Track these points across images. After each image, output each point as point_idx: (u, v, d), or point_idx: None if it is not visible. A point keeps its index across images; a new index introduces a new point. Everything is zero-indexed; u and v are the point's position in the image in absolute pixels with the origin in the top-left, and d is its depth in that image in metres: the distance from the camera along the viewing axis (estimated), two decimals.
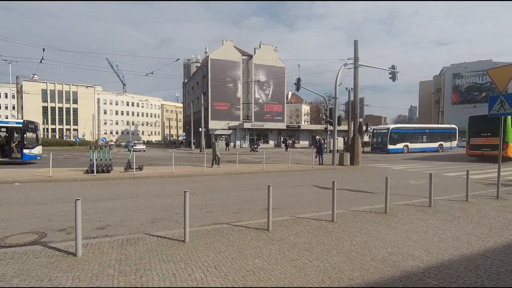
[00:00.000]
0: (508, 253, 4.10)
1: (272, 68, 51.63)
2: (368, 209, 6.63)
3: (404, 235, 4.84)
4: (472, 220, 5.76)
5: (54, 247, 4.21)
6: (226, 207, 7.22)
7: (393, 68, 19.05)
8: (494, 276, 3.39)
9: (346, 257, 3.93)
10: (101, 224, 5.70)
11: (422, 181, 11.20)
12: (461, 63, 72.24)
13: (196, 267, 3.60)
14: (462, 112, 66.66)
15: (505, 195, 8.04)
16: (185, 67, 75.71)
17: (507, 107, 7.35)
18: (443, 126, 38.36)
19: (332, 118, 19.13)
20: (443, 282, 3.23)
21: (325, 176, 13.28)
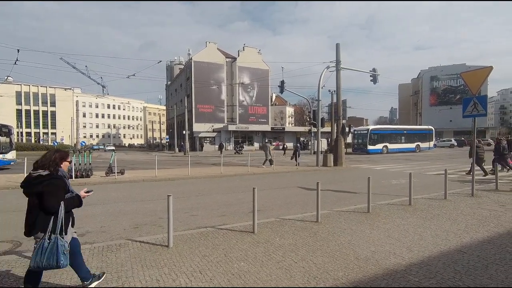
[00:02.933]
0: (483, 248, 4.27)
1: (256, 71, 51.85)
2: (352, 209, 6.75)
3: (386, 234, 4.95)
4: (450, 217, 5.97)
5: (29, 256, 4.01)
6: (211, 210, 7.15)
7: (374, 71, 19.57)
8: (471, 271, 3.53)
9: (331, 257, 3.97)
10: (80, 231, 5.50)
11: (403, 181, 11.53)
12: (438, 66, 75.22)
13: (181, 272, 3.53)
14: (439, 113, 69.46)
15: (479, 193, 8.41)
16: (168, 69, 74.62)
17: (480, 108, 7.70)
18: (420, 127, 39.79)
19: (315, 120, 19.42)
20: (423, 279, 3.33)
21: (310, 177, 13.42)
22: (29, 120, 73.75)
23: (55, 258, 2.60)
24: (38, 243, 2.64)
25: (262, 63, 53.45)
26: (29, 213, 2.71)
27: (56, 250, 2.61)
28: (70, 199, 2.87)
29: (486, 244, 4.45)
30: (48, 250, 2.60)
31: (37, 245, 2.63)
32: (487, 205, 6.98)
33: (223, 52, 52.04)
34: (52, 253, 2.60)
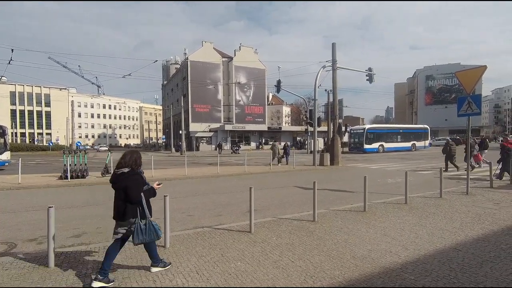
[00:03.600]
0: (478, 246, 4.32)
1: (253, 70, 51.80)
2: (348, 208, 6.78)
3: (383, 232, 4.98)
4: (445, 215, 6.02)
5: (25, 258, 3.98)
6: (207, 210, 7.14)
7: (370, 71, 19.66)
8: (466, 268, 3.56)
9: (328, 256, 3.99)
10: (76, 232, 5.47)
11: (399, 179, 11.60)
12: (433, 65, 75.79)
13: (178, 272, 3.52)
14: (434, 112, 69.96)
15: (473, 191, 8.49)
16: (164, 69, 74.32)
17: (474, 107, 7.78)
18: (416, 126, 40.05)
19: (312, 119, 19.46)
20: (419, 277, 3.36)
21: (306, 176, 13.45)
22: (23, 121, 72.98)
23: (155, 233, 3.39)
24: (134, 226, 3.31)
25: (258, 62, 53.42)
26: (117, 203, 3.37)
27: (153, 228, 3.38)
28: (147, 191, 3.50)
29: (481, 241, 4.49)
30: (147, 230, 3.33)
31: (133, 228, 3.30)
32: (481, 203, 7.05)
33: (219, 52, 51.93)
34: (151, 231, 3.35)
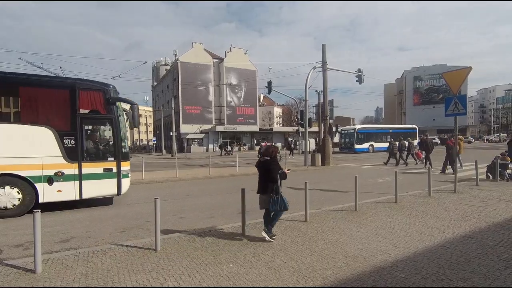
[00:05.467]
0: (466, 243, 4.41)
1: (244, 71, 51.80)
2: (340, 208, 6.83)
3: (374, 232, 5.04)
4: (434, 214, 6.14)
5: (11, 264, 3.88)
6: (199, 212, 7.09)
7: (359, 72, 19.90)
8: (454, 265, 3.63)
9: (320, 256, 4.01)
10: (64, 237, 5.35)
11: (388, 179, 11.76)
12: (421, 66, 77.32)
13: (169, 275, 3.48)
14: (423, 112, 71.34)
15: (461, 189, 8.67)
16: (154, 70, 73.55)
17: (460, 107, 7.96)
18: (404, 126, 40.75)
19: (303, 120, 19.56)
20: (409, 274, 3.41)
21: (298, 177, 13.50)
22: None
23: (284, 205, 4.62)
24: (271, 198, 4.60)
25: (249, 63, 53.45)
26: (262, 182, 4.78)
27: (283, 201, 4.62)
28: (281, 174, 4.74)
29: (468, 238, 4.59)
30: (279, 201, 4.59)
31: (270, 200, 4.60)
32: (468, 201, 7.21)
33: (210, 53, 51.74)
34: (282, 202, 4.61)
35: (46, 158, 6.83)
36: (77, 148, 7.07)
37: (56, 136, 6.89)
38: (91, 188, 7.26)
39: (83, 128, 7.35)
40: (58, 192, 6.98)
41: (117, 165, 7.53)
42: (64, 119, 7.18)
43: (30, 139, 6.76)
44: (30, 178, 6.75)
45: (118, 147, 7.56)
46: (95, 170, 7.32)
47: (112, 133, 7.58)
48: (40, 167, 6.80)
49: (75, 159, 7.06)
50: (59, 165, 6.94)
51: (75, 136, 7.06)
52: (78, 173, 7.11)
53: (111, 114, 7.50)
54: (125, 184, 7.77)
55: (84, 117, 7.34)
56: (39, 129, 6.82)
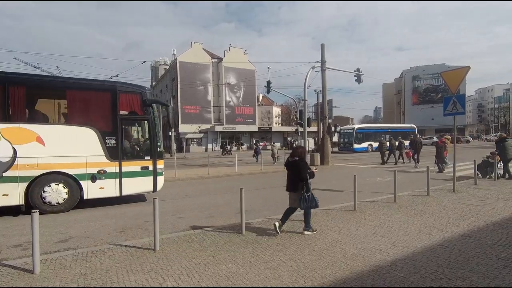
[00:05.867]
0: (464, 242, 4.42)
1: (243, 71, 51.76)
2: (339, 207, 6.84)
3: (372, 231, 5.04)
4: (433, 213, 6.15)
5: (10, 264, 3.86)
6: (198, 212, 7.09)
7: (358, 71, 19.90)
8: (453, 264, 3.64)
9: (318, 256, 4.01)
10: (63, 237, 5.34)
11: (387, 178, 11.78)
12: (419, 66, 77.36)
13: (168, 275, 3.48)
14: (421, 112, 71.41)
15: (460, 188, 8.69)
16: (152, 70, 73.47)
17: (458, 107, 7.97)
18: (403, 126, 40.84)
19: (302, 120, 19.56)
20: (408, 273, 3.41)
21: None
22: None
23: (315, 202, 4.90)
24: (301, 196, 4.85)
25: (248, 63, 53.41)
26: (291, 180, 5.05)
27: (314, 199, 4.89)
28: (310, 173, 4.99)
29: (467, 238, 4.60)
30: (310, 199, 4.84)
31: (301, 198, 4.86)
32: (467, 200, 7.23)
33: (208, 53, 51.68)
34: (313, 200, 4.88)
35: (90, 157, 7.25)
36: (118, 148, 7.48)
37: (99, 136, 7.30)
38: (130, 185, 7.65)
39: (123, 129, 7.76)
40: (101, 189, 7.40)
41: (153, 163, 7.94)
42: (106, 120, 7.57)
43: (76, 139, 7.17)
44: (76, 176, 7.16)
45: (154, 146, 7.98)
46: (134, 168, 7.72)
47: (149, 133, 8.04)
48: (84, 165, 7.22)
49: (116, 158, 7.47)
50: (101, 163, 7.35)
51: (116, 136, 7.47)
52: (119, 171, 7.51)
53: (147, 115, 7.93)
54: (160, 182, 8.15)
55: (123, 118, 7.78)
56: (84, 130, 7.23)
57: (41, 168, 6.83)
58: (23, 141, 6.68)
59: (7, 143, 6.54)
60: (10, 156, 6.56)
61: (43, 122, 7.30)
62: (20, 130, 6.68)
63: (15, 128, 6.65)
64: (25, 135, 6.71)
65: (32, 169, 6.75)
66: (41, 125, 7.07)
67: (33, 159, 6.74)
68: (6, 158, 6.53)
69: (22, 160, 6.65)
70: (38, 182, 6.84)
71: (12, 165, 6.58)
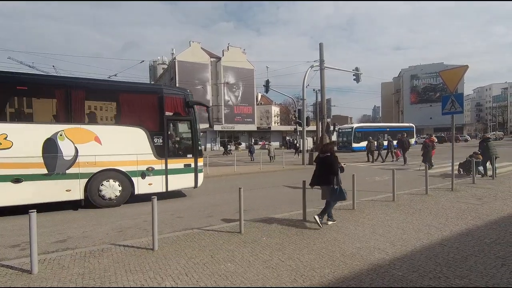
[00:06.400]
0: (462, 240, 4.43)
1: (241, 70, 51.73)
2: (337, 206, 6.81)
3: (371, 230, 5.05)
4: (431, 212, 6.16)
5: (7, 264, 3.85)
6: (197, 212, 7.08)
7: (357, 70, 19.94)
8: (451, 263, 3.65)
9: (317, 255, 4.01)
10: (61, 237, 5.32)
11: (386, 177, 11.79)
12: (418, 65, 77.50)
13: (166, 275, 3.47)
14: (420, 111, 71.57)
15: (458, 187, 8.71)
16: (151, 69, 73.41)
17: (457, 106, 7.99)
18: (401, 125, 40.93)
19: (301, 119, 19.57)
20: (406, 272, 3.41)
21: (296, 176, 13.52)
22: None
23: (343, 195, 5.32)
24: (332, 189, 5.26)
25: (247, 62, 53.38)
26: (321, 175, 5.45)
27: (342, 191, 5.30)
28: (340, 168, 5.52)
29: (465, 236, 4.61)
30: (338, 191, 5.28)
31: (331, 190, 5.28)
32: (465, 199, 7.25)
33: (207, 52, 51.62)
34: (342, 193, 5.29)
35: (140, 155, 7.79)
36: (164, 146, 8.02)
37: (148, 136, 7.84)
38: (174, 182, 8.21)
39: (169, 129, 8.33)
40: (149, 185, 7.92)
41: (194, 161, 8.51)
42: (154, 120, 8.09)
43: (128, 139, 7.73)
44: (128, 173, 7.71)
45: (196, 145, 8.57)
46: (178, 166, 8.27)
47: (191, 133, 8.61)
48: (135, 163, 7.76)
49: (162, 156, 8.00)
50: (150, 161, 7.90)
51: (163, 136, 8.01)
52: (165, 168, 8.05)
53: (190, 116, 8.53)
54: (200, 178, 8.70)
55: (169, 118, 8.31)
56: (135, 130, 7.77)
57: (98, 166, 7.38)
58: (83, 140, 7.21)
59: (70, 143, 7.07)
60: (73, 154, 7.10)
61: (99, 123, 7.96)
62: (81, 130, 7.22)
63: (76, 128, 7.18)
64: (85, 135, 7.25)
65: (91, 167, 7.30)
66: (98, 125, 7.75)
67: (91, 157, 7.29)
68: (69, 157, 7.07)
69: (83, 158, 7.19)
70: (96, 179, 7.37)
71: (74, 162, 7.12)
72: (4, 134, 6.49)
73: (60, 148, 6.96)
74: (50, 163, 6.86)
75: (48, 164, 6.85)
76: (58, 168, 6.95)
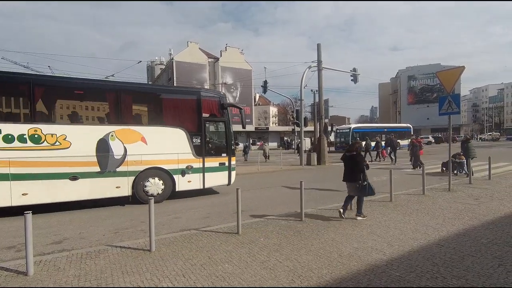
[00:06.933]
0: (459, 240, 4.44)
1: (239, 71, 51.75)
2: (335, 207, 6.83)
3: (368, 230, 5.05)
4: (429, 212, 6.18)
5: (2, 266, 3.81)
6: (194, 212, 7.06)
7: (354, 71, 19.98)
8: (448, 263, 3.66)
9: (315, 255, 4.01)
10: (57, 238, 5.28)
11: (384, 178, 11.81)
12: (415, 66, 77.80)
13: (163, 276, 3.45)
14: (417, 111, 71.85)
15: (455, 187, 8.75)
16: (148, 70, 73.08)
17: (454, 106, 8.03)
18: (399, 125, 41.08)
19: (298, 120, 19.59)
20: (404, 273, 3.42)
21: (294, 176, 13.52)
22: None
23: (371, 190, 5.73)
24: (360, 185, 5.66)
25: (244, 63, 53.40)
26: (350, 172, 5.85)
27: (370, 187, 5.72)
28: (366, 165, 5.83)
29: (462, 236, 4.63)
30: (367, 187, 5.67)
31: (358, 186, 5.68)
32: (462, 199, 7.28)
33: (205, 52, 51.60)
34: (370, 188, 5.71)
35: (180, 154, 8.32)
36: (202, 146, 8.56)
37: (188, 136, 8.38)
38: (210, 179, 8.75)
39: (206, 129, 8.79)
40: (188, 182, 8.45)
41: (228, 160, 9.07)
42: (193, 122, 8.62)
43: (170, 139, 8.24)
44: (170, 171, 8.21)
45: (229, 144, 9.13)
46: (213, 164, 8.82)
47: (225, 133, 9.16)
48: (176, 162, 8.28)
49: (200, 155, 8.53)
50: (189, 160, 8.43)
51: (200, 136, 8.54)
52: (202, 166, 8.59)
53: (224, 117, 9.12)
54: (233, 176, 9.25)
55: (206, 120, 8.81)
56: (176, 131, 8.29)
57: (144, 164, 7.88)
58: (131, 140, 7.72)
59: (120, 143, 7.57)
60: (122, 153, 7.60)
61: (145, 124, 8.43)
62: (129, 131, 7.72)
63: (125, 129, 7.68)
64: (133, 135, 7.76)
65: (137, 165, 7.81)
66: (144, 126, 8.19)
67: (138, 156, 7.79)
68: (119, 155, 7.57)
69: (131, 157, 7.70)
70: (141, 176, 7.87)
71: (123, 161, 7.62)
72: (63, 135, 6.96)
73: (111, 147, 7.46)
74: (102, 161, 7.36)
75: (101, 162, 7.35)
76: (109, 166, 7.45)
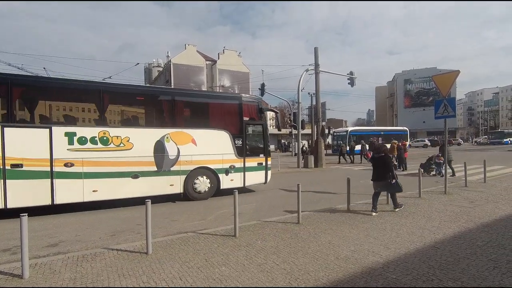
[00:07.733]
0: (455, 243, 4.47)
1: (237, 73, 51.90)
2: (332, 209, 6.86)
3: (365, 233, 5.07)
4: (425, 214, 6.21)
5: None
6: (191, 215, 7.04)
7: (351, 74, 20.12)
8: (444, 265, 3.68)
9: (312, 258, 4.01)
10: (53, 241, 5.24)
11: None
12: (411, 69, 78.48)
13: (160, 279, 3.44)
14: (413, 115, 72.35)
15: (451, 190, 8.80)
16: (146, 72, 72.93)
17: (449, 110, 8.10)
18: (395, 128, 41.34)
19: (296, 122, 19.65)
20: (400, 275, 3.43)
21: (291, 179, 13.54)
22: None
23: (399, 187, 6.35)
24: (389, 183, 6.27)
25: (242, 65, 53.57)
26: (379, 171, 6.36)
27: (398, 185, 6.30)
28: (393, 165, 6.55)
29: (458, 239, 4.66)
30: (396, 185, 6.27)
31: (388, 184, 6.28)
32: (458, 202, 7.33)
33: (203, 55, 51.71)
34: (398, 186, 6.31)
35: (224, 155, 9.06)
36: (243, 147, 9.32)
37: (231, 138, 9.13)
38: (250, 178, 9.52)
39: (246, 131, 9.53)
40: (231, 181, 9.17)
41: (265, 160, 9.84)
42: (235, 125, 9.36)
43: (216, 141, 8.98)
44: (216, 170, 8.95)
45: (266, 146, 9.89)
46: (252, 164, 9.57)
47: (263, 135, 9.97)
48: (221, 162, 9.02)
49: (241, 155, 9.29)
50: (232, 160, 9.19)
51: (242, 138, 9.32)
52: (243, 166, 9.35)
53: (262, 120, 9.91)
54: (269, 175, 10.01)
55: (247, 123, 9.59)
56: (221, 133, 9.03)
57: (194, 164, 8.62)
58: (183, 142, 8.46)
59: (174, 144, 8.32)
60: (176, 154, 8.34)
61: (194, 127, 8.83)
62: (182, 134, 8.47)
63: (178, 132, 8.43)
64: (185, 137, 8.49)
65: (188, 165, 8.54)
66: (194, 129, 8.72)
67: (189, 157, 8.53)
68: (173, 156, 8.31)
69: (183, 157, 8.43)
70: (191, 175, 8.59)
71: (177, 161, 8.36)
72: (127, 137, 7.67)
73: (167, 149, 8.18)
74: (159, 161, 8.09)
75: (158, 162, 8.07)
76: (165, 165, 8.16)
